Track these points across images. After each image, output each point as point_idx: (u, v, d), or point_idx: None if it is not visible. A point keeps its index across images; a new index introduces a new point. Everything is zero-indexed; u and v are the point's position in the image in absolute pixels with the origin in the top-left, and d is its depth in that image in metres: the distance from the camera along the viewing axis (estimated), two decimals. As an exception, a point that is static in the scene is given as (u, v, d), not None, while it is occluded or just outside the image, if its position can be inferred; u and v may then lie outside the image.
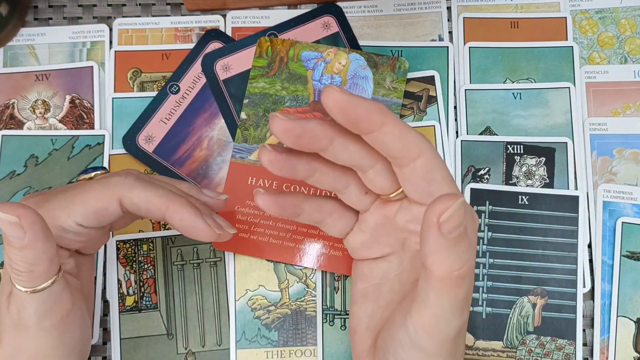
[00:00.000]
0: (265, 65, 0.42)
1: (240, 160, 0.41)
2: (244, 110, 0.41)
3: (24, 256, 0.27)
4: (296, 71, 0.42)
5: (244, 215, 0.40)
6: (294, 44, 0.42)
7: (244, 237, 0.40)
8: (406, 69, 0.42)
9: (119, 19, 0.44)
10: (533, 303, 0.39)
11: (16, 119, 0.43)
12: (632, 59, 0.44)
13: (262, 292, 0.40)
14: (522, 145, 0.42)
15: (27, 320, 0.29)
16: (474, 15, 0.44)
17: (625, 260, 0.40)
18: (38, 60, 0.43)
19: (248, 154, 0.41)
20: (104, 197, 0.31)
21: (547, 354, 0.39)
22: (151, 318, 0.40)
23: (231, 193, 0.40)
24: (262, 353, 0.39)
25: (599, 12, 0.44)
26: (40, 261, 0.28)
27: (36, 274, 0.28)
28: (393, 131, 0.27)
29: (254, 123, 0.41)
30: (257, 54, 0.42)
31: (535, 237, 0.40)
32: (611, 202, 0.41)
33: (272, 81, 0.42)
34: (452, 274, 0.25)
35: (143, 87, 0.43)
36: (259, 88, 0.42)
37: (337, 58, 0.42)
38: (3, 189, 0.41)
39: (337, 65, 0.42)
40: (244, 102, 0.41)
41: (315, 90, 0.42)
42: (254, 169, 0.41)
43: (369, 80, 0.42)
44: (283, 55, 0.42)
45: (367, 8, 0.44)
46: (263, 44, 0.42)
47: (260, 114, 0.41)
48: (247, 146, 0.41)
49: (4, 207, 0.26)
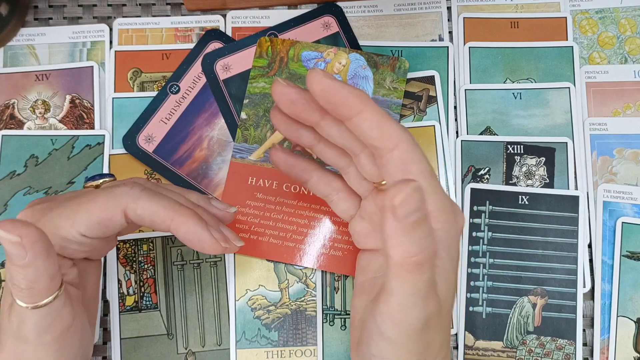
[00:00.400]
0: (265, 65, 0.42)
1: (240, 160, 0.41)
2: (244, 110, 0.41)
3: (25, 274, 0.27)
4: (296, 71, 0.42)
5: (244, 215, 0.40)
6: (294, 44, 0.42)
7: (244, 237, 0.40)
8: (406, 69, 0.42)
9: (119, 19, 0.44)
10: (533, 303, 0.39)
11: (16, 119, 0.43)
12: (632, 59, 0.44)
13: (262, 292, 0.40)
14: (522, 145, 0.42)
15: (27, 334, 0.29)
16: (474, 15, 0.44)
17: (625, 260, 0.40)
18: (38, 60, 0.43)
19: (248, 154, 0.41)
20: (109, 207, 0.30)
21: (547, 354, 0.39)
22: (151, 318, 0.40)
23: (231, 193, 0.40)
24: (262, 353, 0.39)
25: (599, 12, 0.44)
26: (41, 278, 0.27)
27: (36, 290, 0.28)
28: (371, 118, 0.28)
29: (254, 123, 0.41)
30: (257, 54, 0.42)
31: (536, 237, 0.40)
32: (611, 202, 0.41)
33: (272, 81, 0.42)
34: (409, 259, 0.25)
35: (143, 87, 0.43)
36: (259, 88, 0.42)
37: (337, 58, 0.42)
38: (3, 189, 0.41)
39: (337, 65, 0.42)
40: (244, 102, 0.41)
41: None
42: (254, 168, 0.41)
43: (369, 80, 0.42)
44: (283, 55, 0.42)
45: (367, 8, 0.44)
46: (263, 44, 0.42)
47: (261, 114, 0.41)
48: (247, 146, 0.41)
49: (5, 226, 0.26)
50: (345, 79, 0.42)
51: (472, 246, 0.40)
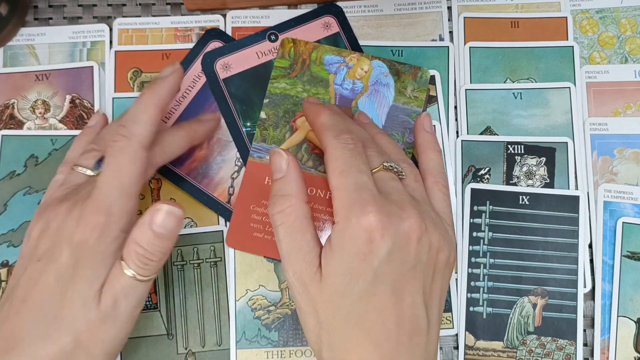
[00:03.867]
0: (287, 66, 0.42)
1: (258, 159, 0.41)
2: (263, 109, 0.41)
3: (163, 246, 0.30)
4: (318, 74, 0.42)
5: (259, 215, 0.40)
6: (317, 47, 0.42)
7: (258, 236, 0.40)
8: (427, 79, 0.42)
9: (119, 18, 0.44)
10: (533, 303, 0.39)
11: (16, 119, 0.42)
12: (633, 58, 0.44)
13: (263, 292, 0.40)
14: (522, 145, 0.42)
15: (124, 309, 0.31)
16: (475, 15, 0.44)
17: (625, 260, 0.40)
18: (38, 60, 0.43)
19: (266, 153, 0.41)
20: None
21: (548, 354, 0.39)
22: (151, 318, 0.40)
23: (247, 192, 0.40)
24: (262, 353, 0.39)
25: (599, 12, 0.44)
26: (170, 248, 0.31)
27: (161, 263, 0.31)
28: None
29: (273, 123, 0.41)
30: (279, 54, 0.42)
31: (536, 237, 0.40)
32: (612, 202, 0.41)
33: (294, 82, 0.42)
34: None
35: (143, 87, 0.43)
36: (280, 88, 0.42)
37: (360, 64, 0.42)
38: (3, 189, 0.41)
39: (359, 71, 0.42)
40: (264, 101, 0.41)
41: (337, 94, 0.42)
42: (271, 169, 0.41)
43: (390, 87, 0.42)
44: (306, 58, 0.42)
45: (368, 8, 0.44)
46: (286, 45, 0.42)
47: (280, 114, 0.41)
48: (265, 146, 0.41)
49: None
50: (367, 85, 0.42)
51: (473, 246, 0.40)
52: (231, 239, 0.40)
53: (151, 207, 0.30)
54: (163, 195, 0.41)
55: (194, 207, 0.41)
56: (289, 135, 0.41)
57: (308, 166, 0.40)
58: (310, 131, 0.40)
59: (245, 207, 0.40)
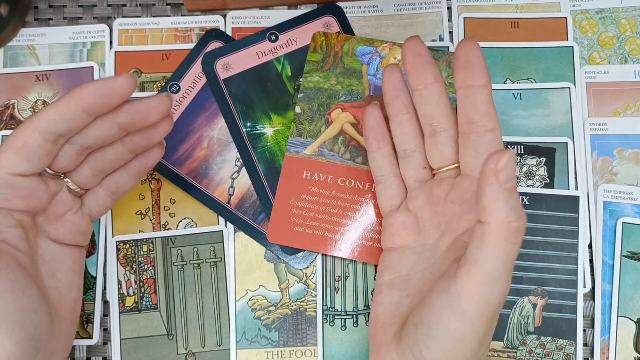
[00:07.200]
0: (320, 60, 0.42)
1: (294, 154, 0.41)
2: (298, 104, 0.41)
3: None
4: (351, 66, 0.42)
5: (299, 209, 0.40)
6: (348, 39, 0.42)
7: (298, 230, 0.40)
8: None
9: (119, 19, 0.44)
10: (533, 303, 0.39)
11: (16, 119, 0.42)
12: (633, 59, 0.44)
13: (263, 292, 0.40)
14: (522, 145, 0.42)
15: None
16: (475, 15, 0.44)
17: (625, 261, 0.40)
18: (38, 60, 0.43)
19: (303, 147, 0.41)
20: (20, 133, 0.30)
21: (548, 354, 0.39)
22: (151, 318, 0.40)
23: (286, 186, 0.40)
24: (262, 353, 0.39)
25: (599, 12, 0.44)
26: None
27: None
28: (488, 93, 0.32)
29: (308, 117, 0.41)
30: (311, 48, 0.42)
31: (536, 237, 0.40)
32: (612, 202, 0.41)
33: (327, 75, 0.42)
34: (509, 224, 0.25)
35: (143, 87, 0.43)
36: (313, 82, 0.42)
37: (393, 53, 0.42)
38: (3, 189, 0.41)
39: (392, 60, 0.42)
40: (299, 96, 0.42)
41: (370, 84, 0.42)
42: (308, 162, 0.41)
43: None
44: (338, 50, 0.42)
45: (368, 8, 0.44)
46: (317, 39, 0.42)
47: (315, 108, 0.41)
48: (301, 140, 0.41)
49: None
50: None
51: (473, 246, 0.40)
52: (272, 235, 0.40)
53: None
54: (163, 195, 0.41)
55: (194, 207, 0.41)
56: (324, 128, 0.41)
57: (345, 158, 0.41)
58: (346, 123, 0.41)
59: (285, 202, 0.40)
